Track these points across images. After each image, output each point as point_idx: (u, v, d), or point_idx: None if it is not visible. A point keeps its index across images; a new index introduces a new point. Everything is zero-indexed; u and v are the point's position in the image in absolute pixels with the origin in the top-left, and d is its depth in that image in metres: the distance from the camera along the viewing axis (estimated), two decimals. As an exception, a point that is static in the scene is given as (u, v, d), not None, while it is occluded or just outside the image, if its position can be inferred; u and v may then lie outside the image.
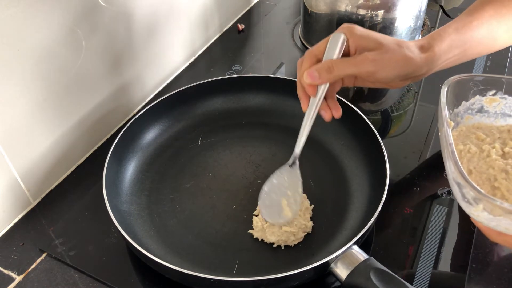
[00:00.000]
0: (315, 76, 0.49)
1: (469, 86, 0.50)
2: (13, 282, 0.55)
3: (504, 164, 0.42)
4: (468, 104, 0.50)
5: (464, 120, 0.50)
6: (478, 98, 0.50)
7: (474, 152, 0.45)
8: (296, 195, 0.56)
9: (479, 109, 0.51)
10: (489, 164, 0.43)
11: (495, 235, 0.40)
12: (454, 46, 0.51)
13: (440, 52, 0.50)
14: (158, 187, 0.64)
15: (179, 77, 0.86)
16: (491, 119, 0.50)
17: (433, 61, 0.49)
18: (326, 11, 0.83)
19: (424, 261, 0.55)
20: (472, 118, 0.50)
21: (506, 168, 0.42)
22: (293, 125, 0.71)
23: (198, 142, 0.70)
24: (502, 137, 0.47)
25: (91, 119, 0.69)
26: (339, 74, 0.49)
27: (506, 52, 0.89)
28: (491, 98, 0.50)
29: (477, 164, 0.44)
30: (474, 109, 0.51)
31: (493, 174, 0.42)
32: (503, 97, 0.50)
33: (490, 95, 0.50)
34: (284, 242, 0.55)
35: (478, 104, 0.50)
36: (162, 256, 0.52)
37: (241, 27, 0.98)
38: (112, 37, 0.68)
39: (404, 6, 0.80)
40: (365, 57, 0.48)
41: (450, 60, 0.51)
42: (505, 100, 0.50)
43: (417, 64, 0.49)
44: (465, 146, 0.46)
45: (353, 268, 0.48)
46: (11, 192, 0.60)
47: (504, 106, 0.50)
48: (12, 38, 0.53)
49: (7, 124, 0.56)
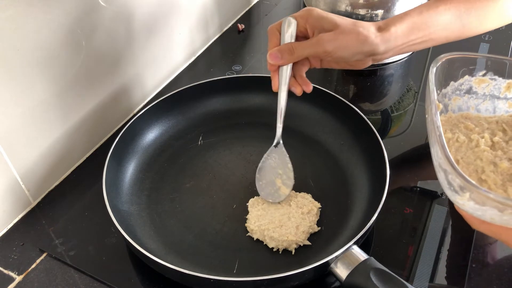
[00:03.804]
0: (278, 57, 0.53)
1: (459, 65, 0.48)
2: (13, 282, 0.55)
3: (493, 156, 0.41)
4: (457, 84, 0.49)
5: (452, 101, 0.49)
6: (467, 78, 0.49)
7: (462, 141, 0.43)
8: (287, 171, 0.60)
9: (467, 90, 0.49)
10: (477, 155, 0.42)
11: (478, 223, 0.39)
12: (416, 28, 0.52)
13: (398, 32, 0.52)
14: (158, 187, 0.64)
15: (179, 77, 0.86)
16: (479, 100, 0.49)
17: (389, 40, 0.51)
18: (326, 11, 0.83)
19: (424, 261, 0.55)
20: (460, 99, 0.49)
21: (495, 160, 0.41)
22: (293, 125, 0.72)
23: (198, 142, 0.70)
24: (490, 127, 0.46)
25: (91, 119, 0.69)
26: (299, 55, 0.53)
27: (506, 52, 0.89)
28: (480, 79, 0.49)
29: (465, 154, 0.42)
30: (462, 90, 0.49)
31: (481, 165, 0.41)
32: (493, 78, 0.48)
33: (480, 76, 0.49)
34: (284, 247, 0.56)
35: (467, 84, 0.49)
36: (162, 256, 0.52)
37: (241, 27, 0.98)
38: (112, 37, 0.68)
39: (403, 6, 0.80)
40: (321, 38, 0.51)
41: (414, 42, 0.53)
42: (495, 81, 0.48)
43: (372, 42, 0.51)
44: (454, 134, 0.44)
45: (353, 268, 0.48)
46: (11, 192, 0.60)
47: (493, 88, 0.49)
48: (12, 38, 0.53)
49: (7, 124, 0.56)
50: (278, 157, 0.60)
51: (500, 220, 0.35)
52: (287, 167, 0.60)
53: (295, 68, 0.56)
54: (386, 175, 0.56)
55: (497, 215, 0.35)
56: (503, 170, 0.40)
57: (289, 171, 0.60)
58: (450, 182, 0.38)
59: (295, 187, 0.62)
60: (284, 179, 0.59)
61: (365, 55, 0.52)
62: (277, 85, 0.56)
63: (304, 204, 0.58)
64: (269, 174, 0.60)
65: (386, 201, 0.53)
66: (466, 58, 0.47)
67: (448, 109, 0.48)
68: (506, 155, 0.41)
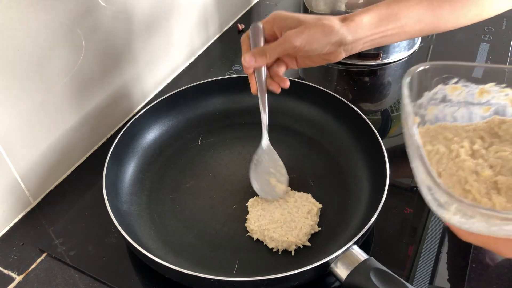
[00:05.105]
0: (252, 60, 0.55)
1: (432, 75, 0.48)
2: (13, 282, 0.55)
3: (474, 165, 0.41)
4: (431, 94, 0.48)
5: (428, 111, 0.48)
6: (440, 87, 0.48)
7: (442, 153, 0.43)
8: (279, 168, 0.61)
9: (442, 98, 0.49)
10: (458, 165, 0.42)
11: (466, 234, 0.39)
12: (385, 20, 0.53)
13: (364, 22, 0.53)
14: (158, 187, 0.64)
15: (179, 77, 0.86)
16: (455, 108, 0.48)
17: (356, 29, 0.53)
18: (326, 11, 0.84)
19: (424, 261, 0.55)
20: (435, 108, 0.49)
21: (477, 169, 0.41)
22: (293, 125, 0.72)
23: (198, 142, 0.70)
24: (469, 136, 0.45)
25: (91, 119, 0.69)
26: (271, 55, 0.55)
27: (506, 52, 0.89)
28: (453, 87, 0.48)
29: (446, 165, 0.42)
30: (437, 99, 0.49)
31: (463, 176, 0.41)
32: (465, 84, 0.48)
33: (453, 83, 0.48)
34: (284, 248, 0.55)
35: (441, 93, 0.49)
36: (162, 256, 0.52)
37: (241, 27, 0.98)
38: (112, 37, 0.68)
39: (404, 6, 0.80)
40: (288, 35, 0.53)
41: (385, 33, 0.54)
42: (467, 87, 0.48)
43: (338, 31, 0.52)
44: (433, 146, 0.44)
45: (353, 268, 0.48)
46: (11, 192, 0.60)
47: (466, 94, 0.48)
48: (12, 38, 0.53)
49: (7, 124, 0.56)
50: (267, 157, 0.61)
51: (488, 232, 0.35)
52: (278, 164, 0.61)
53: (271, 71, 0.58)
54: (386, 175, 0.56)
55: (484, 227, 0.35)
56: (486, 178, 0.40)
57: (281, 168, 0.61)
58: (435, 198, 0.37)
59: (295, 187, 0.62)
60: (278, 177, 0.60)
61: (334, 45, 0.53)
62: (255, 87, 0.58)
63: (304, 204, 0.58)
64: (262, 175, 0.61)
65: (386, 201, 0.53)
66: (437, 67, 0.47)
67: (425, 119, 0.48)
68: (487, 163, 0.41)
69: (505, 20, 0.97)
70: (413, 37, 0.57)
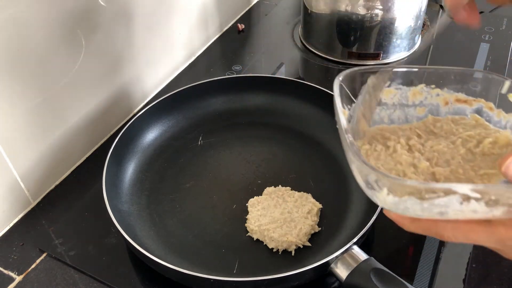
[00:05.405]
0: None
1: (363, 80, 0.47)
2: (13, 282, 0.55)
3: (412, 158, 0.42)
4: None
5: None
6: None
7: (380, 150, 0.44)
8: None
9: (377, 102, 0.48)
10: (396, 160, 0.42)
11: (408, 223, 0.39)
12: None
13: None
14: (158, 187, 0.64)
15: (179, 77, 0.86)
16: (391, 111, 0.48)
17: None
18: (326, 11, 0.84)
19: (424, 261, 0.55)
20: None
21: (414, 162, 0.41)
22: (293, 125, 0.72)
23: (198, 142, 0.70)
24: (405, 134, 0.46)
25: (91, 119, 0.69)
26: None
27: (506, 52, 0.89)
28: (386, 90, 0.48)
29: (384, 161, 0.42)
30: None
31: (401, 169, 0.41)
32: (398, 87, 0.47)
33: (386, 87, 0.48)
34: (284, 248, 0.55)
35: None
36: (162, 256, 0.52)
37: (241, 27, 0.98)
38: (112, 37, 0.68)
39: (404, 6, 0.80)
40: None
41: None
42: (400, 90, 0.48)
43: None
44: (371, 145, 0.44)
45: (353, 268, 0.48)
46: (11, 192, 0.60)
47: (400, 97, 0.48)
48: (12, 38, 0.53)
49: (7, 124, 0.56)
50: None
51: (422, 210, 0.35)
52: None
53: None
54: (386, 175, 0.56)
55: (418, 205, 0.35)
56: (423, 170, 0.41)
57: None
58: (367, 181, 0.38)
59: (295, 187, 0.62)
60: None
61: None
62: None
63: (304, 204, 0.58)
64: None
65: (386, 201, 0.53)
66: (366, 71, 0.47)
67: None
68: (424, 156, 0.42)
69: (505, 20, 0.97)
70: None
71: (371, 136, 0.46)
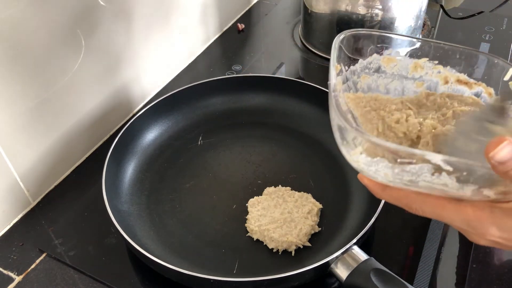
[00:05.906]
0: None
1: (366, 43, 0.46)
2: (13, 282, 0.55)
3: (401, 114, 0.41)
4: (366, 62, 0.47)
5: (361, 79, 0.47)
6: (375, 57, 0.47)
7: (372, 116, 0.43)
8: None
9: (376, 69, 0.47)
10: (381, 115, 0.42)
11: (380, 190, 0.38)
12: None
13: None
14: (158, 187, 0.64)
15: (179, 77, 0.86)
16: (388, 80, 0.47)
17: None
18: (326, 10, 0.83)
19: (424, 261, 0.55)
20: (369, 78, 0.47)
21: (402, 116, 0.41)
22: (293, 125, 0.72)
23: (198, 142, 0.70)
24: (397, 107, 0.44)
25: (91, 119, 0.69)
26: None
27: (507, 52, 0.89)
28: (388, 58, 0.47)
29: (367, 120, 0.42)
30: (371, 69, 0.47)
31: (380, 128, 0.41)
32: (400, 57, 0.46)
33: (387, 54, 0.47)
34: (284, 248, 0.55)
35: (375, 63, 0.47)
36: (162, 257, 0.52)
37: (241, 27, 0.98)
38: (112, 37, 0.68)
39: (404, 5, 0.80)
40: None
41: None
42: (401, 61, 0.46)
43: None
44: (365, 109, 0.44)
45: (353, 269, 0.48)
46: (10, 192, 0.60)
47: (400, 67, 0.47)
48: (12, 38, 0.53)
49: (7, 124, 0.56)
50: None
51: (394, 176, 0.35)
52: None
53: None
54: (386, 175, 0.56)
55: (389, 170, 0.35)
56: (410, 124, 0.40)
57: None
58: (343, 136, 0.38)
59: (295, 187, 0.62)
60: None
61: None
62: None
63: (304, 204, 0.58)
64: None
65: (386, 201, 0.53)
66: (371, 35, 0.46)
67: (358, 87, 0.47)
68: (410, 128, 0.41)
69: (505, 20, 0.97)
70: None
71: (362, 105, 0.45)
